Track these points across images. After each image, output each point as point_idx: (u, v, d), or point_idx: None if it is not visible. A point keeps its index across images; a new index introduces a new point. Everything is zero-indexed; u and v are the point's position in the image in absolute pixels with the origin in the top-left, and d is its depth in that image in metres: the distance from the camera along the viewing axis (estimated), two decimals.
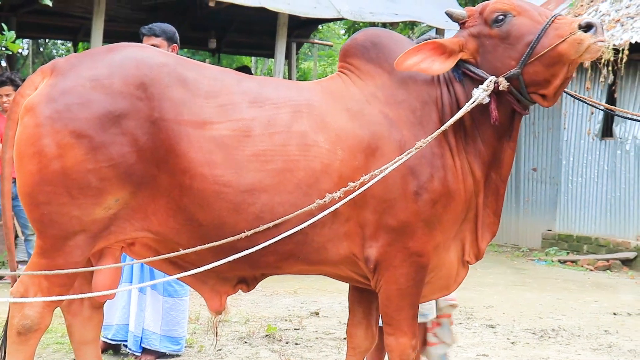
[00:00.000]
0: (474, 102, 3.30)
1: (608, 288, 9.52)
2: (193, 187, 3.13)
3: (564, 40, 3.22)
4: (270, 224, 3.14)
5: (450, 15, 3.46)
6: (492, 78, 3.32)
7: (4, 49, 6.35)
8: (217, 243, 3.10)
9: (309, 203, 3.16)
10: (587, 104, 4.11)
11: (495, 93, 3.34)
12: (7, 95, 7.68)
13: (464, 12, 3.47)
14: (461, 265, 3.57)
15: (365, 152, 3.29)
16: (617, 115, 8.25)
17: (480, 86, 3.31)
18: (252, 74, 12.60)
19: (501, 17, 3.35)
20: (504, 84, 3.32)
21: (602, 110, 11.61)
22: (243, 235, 3.12)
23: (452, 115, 3.33)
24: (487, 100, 3.31)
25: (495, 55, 3.37)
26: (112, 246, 3.27)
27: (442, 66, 3.36)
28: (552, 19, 3.29)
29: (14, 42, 6.17)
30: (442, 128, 3.28)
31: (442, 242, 3.44)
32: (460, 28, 3.49)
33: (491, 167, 3.51)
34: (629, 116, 4.83)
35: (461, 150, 3.44)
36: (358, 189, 3.14)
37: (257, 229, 3.13)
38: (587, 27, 3.21)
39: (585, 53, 3.22)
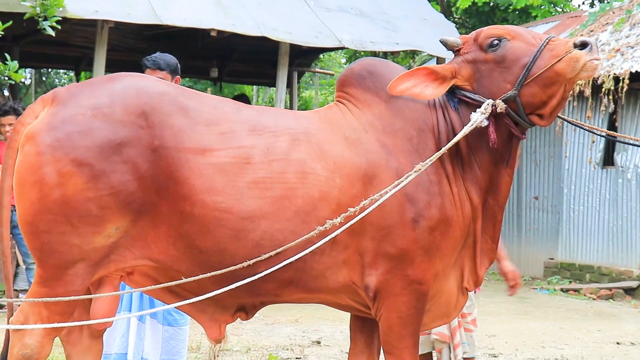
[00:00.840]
0: (472, 125, 3.32)
1: (611, 317, 9.47)
2: (194, 214, 3.13)
3: (560, 60, 3.25)
4: (272, 253, 3.13)
5: (444, 44, 3.49)
6: (490, 101, 3.34)
7: (6, 78, 6.37)
8: (217, 272, 3.09)
9: (307, 230, 3.17)
10: (587, 130, 4.12)
11: (494, 116, 3.36)
12: (10, 124, 7.71)
13: (458, 39, 3.50)
14: (460, 293, 3.57)
15: (362, 180, 3.29)
16: (617, 140, 8.26)
17: (478, 109, 3.34)
18: (250, 102, 12.64)
19: (496, 41, 3.39)
20: (501, 106, 3.33)
21: (603, 136, 11.61)
22: (245, 264, 3.12)
23: (449, 142, 3.36)
24: (485, 123, 3.33)
25: (491, 79, 3.39)
26: (112, 275, 3.26)
27: (434, 91, 3.40)
28: (547, 40, 3.33)
29: (16, 71, 6.18)
30: (442, 151, 3.30)
31: (441, 269, 3.43)
32: (454, 55, 3.52)
33: (488, 192, 3.51)
34: (631, 141, 4.83)
35: (458, 177, 3.45)
36: (358, 214, 3.14)
37: (259, 258, 3.13)
38: (582, 46, 3.26)
39: (581, 71, 3.26)
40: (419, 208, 3.31)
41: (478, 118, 3.32)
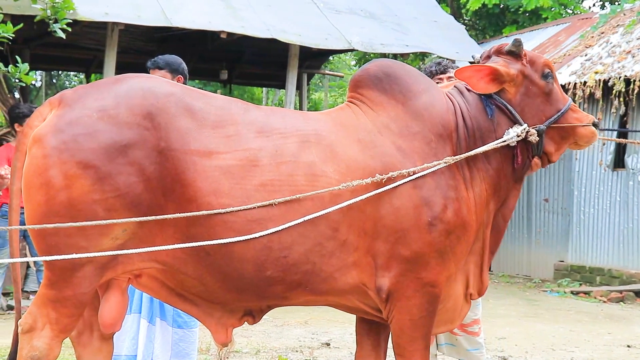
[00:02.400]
0: (504, 142, 3.47)
1: (621, 320, 9.44)
2: (200, 217, 3.12)
3: (584, 126, 3.61)
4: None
5: (519, 44, 3.57)
6: (526, 127, 3.49)
7: (17, 80, 6.39)
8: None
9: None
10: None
11: (522, 140, 3.51)
12: None
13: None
14: (464, 299, 3.58)
15: (376, 183, 3.27)
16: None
17: (513, 130, 3.48)
18: None
19: (549, 74, 3.59)
20: (534, 137, 3.51)
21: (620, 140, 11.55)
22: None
23: (467, 148, 3.46)
24: (513, 143, 3.48)
25: (533, 104, 3.56)
26: (119, 277, 3.26)
27: (485, 87, 3.51)
28: (571, 102, 3.65)
29: (27, 74, 6.20)
30: (475, 151, 3.42)
31: (454, 272, 3.44)
32: (496, 57, 3.60)
33: (503, 203, 3.61)
34: None
35: (477, 182, 3.48)
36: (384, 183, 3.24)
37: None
38: (595, 125, 3.66)
39: (590, 144, 3.71)
40: (436, 212, 3.31)
41: (512, 138, 3.47)
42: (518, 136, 3.46)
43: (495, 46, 3.69)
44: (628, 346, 7.61)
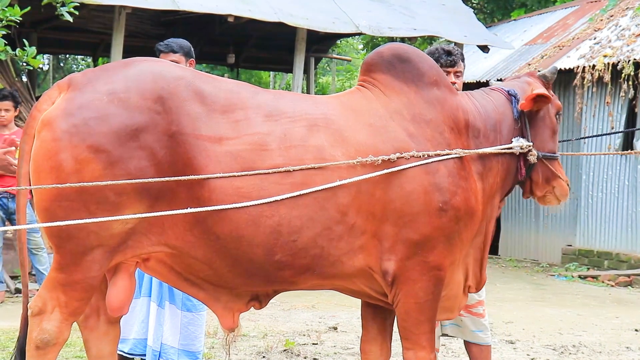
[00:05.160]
0: (507, 148, 3.60)
1: (629, 304, 9.43)
2: (211, 200, 3.13)
3: (564, 181, 3.79)
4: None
5: (554, 73, 3.83)
6: (531, 146, 3.64)
7: (24, 64, 6.39)
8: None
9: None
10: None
11: (522, 154, 3.65)
12: (7, 110, 7.78)
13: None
14: (463, 291, 3.67)
15: (386, 167, 3.28)
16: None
17: (523, 140, 3.62)
18: None
19: (560, 116, 3.85)
20: (534, 159, 3.65)
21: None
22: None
23: (487, 144, 3.61)
24: (517, 153, 3.63)
25: (543, 132, 3.74)
26: (128, 261, 3.27)
27: (525, 105, 3.66)
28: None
29: (34, 57, 6.20)
30: (482, 151, 3.54)
31: (457, 259, 3.49)
32: (527, 78, 3.84)
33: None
34: None
35: (486, 177, 3.57)
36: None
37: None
38: (568, 186, 3.84)
39: (561, 200, 3.82)
40: (447, 197, 3.35)
41: (515, 148, 3.60)
42: (521, 148, 3.59)
43: (527, 72, 3.91)
44: (636, 330, 7.61)
